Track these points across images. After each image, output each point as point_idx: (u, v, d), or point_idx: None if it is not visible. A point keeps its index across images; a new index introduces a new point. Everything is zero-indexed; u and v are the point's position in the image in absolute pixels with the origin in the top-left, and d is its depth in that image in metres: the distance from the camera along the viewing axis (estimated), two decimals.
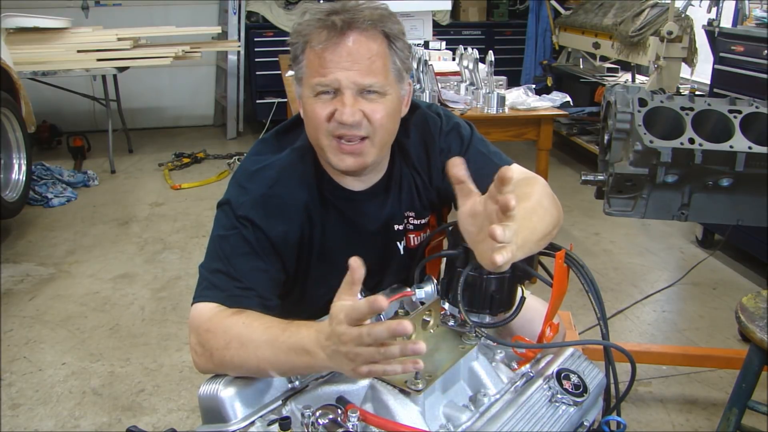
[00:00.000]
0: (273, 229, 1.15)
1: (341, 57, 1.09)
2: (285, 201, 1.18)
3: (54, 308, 2.93)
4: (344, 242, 1.25)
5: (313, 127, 1.15)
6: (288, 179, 1.20)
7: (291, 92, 3.64)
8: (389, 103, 1.15)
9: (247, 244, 1.14)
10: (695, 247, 3.54)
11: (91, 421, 2.17)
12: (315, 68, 1.11)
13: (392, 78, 1.15)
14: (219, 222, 1.19)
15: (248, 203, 1.16)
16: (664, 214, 1.95)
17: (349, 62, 1.09)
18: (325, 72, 1.10)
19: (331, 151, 1.16)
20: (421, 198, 1.30)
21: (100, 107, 5.31)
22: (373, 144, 1.16)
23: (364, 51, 1.10)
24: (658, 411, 2.20)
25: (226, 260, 1.13)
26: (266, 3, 5.91)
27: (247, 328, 1.02)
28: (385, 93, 1.14)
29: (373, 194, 1.26)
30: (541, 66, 5.78)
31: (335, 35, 1.09)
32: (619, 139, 1.84)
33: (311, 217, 1.21)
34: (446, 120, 1.30)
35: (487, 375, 1.04)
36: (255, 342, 1.00)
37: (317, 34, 1.10)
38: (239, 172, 1.23)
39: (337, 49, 1.09)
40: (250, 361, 1.00)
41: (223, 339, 1.03)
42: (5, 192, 3.72)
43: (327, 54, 1.09)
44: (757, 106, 1.78)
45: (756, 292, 1.64)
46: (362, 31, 1.10)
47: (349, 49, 1.09)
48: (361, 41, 1.10)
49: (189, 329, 1.10)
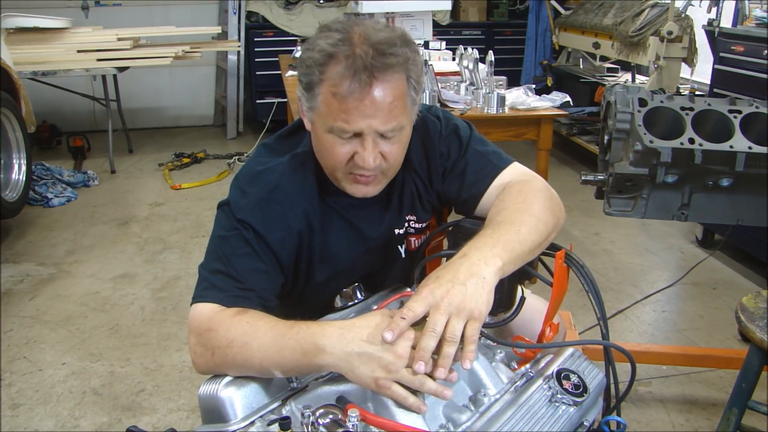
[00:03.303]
0: (271, 234, 1.15)
1: (365, 106, 1.06)
2: (284, 207, 1.18)
3: (54, 308, 2.93)
4: (346, 247, 1.26)
5: (330, 161, 1.15)
6: (288, 185, 1.19)
7: (291, 92, 3.65)
8: (404, 136, 1.15)
9: (247, 245, 1.14)
10: (695, 247, 3.54)
11: (91, 421, 2.17)
12: (335, 112, 1.07)
13: (408, 110, 1.13)
14: (219, 222, 1.19)
15: (247, 207, 1.16)
16: (664, 214, 1.95)
17: (372, 110, 1.06)
18: (348, 119, 1.07)
19: (347, 182, 1.17)
20: (422, 202, 1.30)
21: (100, 107, 5.31)
22: (387, 176, 1.18)
23: (387, 98, 1.07)
24: (658, 411, 2.20)
25: (226, 261, 1.13)
26: (266, 3, 5.91)
27: (251, 327, 1.02)
28: (402, 129, 1.13)
29: (374, 200, 1.25)
30: (541, 66, 5.78)
31: (359, 88, 1.04)
32: (619, 139, 1.84)
33: (310, 223, 1.21)
34: (445, 123, 1.30)
35: (487, 375, 1.04)
36: (259, 340, 1.00)
37: (340, 80, 1.05)
38: (241, 175, 1.23)
39: (363, 102, 1.06)
40: (253, 359, 1.00)
41: (225, 338, 1.03)
42: (5, 192, 3.72)
43: (350, 102, 1.06)
44: (757, 106, 1.78)
45: (756, 292, 1.64)
46: (387, 81, 1.06)
47: (373, 99, 1.06)
48: (385, 90, 1.06)
49: (188, 330, 1.10)
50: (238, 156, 5.17)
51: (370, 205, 1.26)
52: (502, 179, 1.23)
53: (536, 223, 1.10)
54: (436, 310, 0.94)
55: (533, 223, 1.10)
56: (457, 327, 0.93)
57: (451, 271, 0.98)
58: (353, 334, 0.95)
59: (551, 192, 1.21)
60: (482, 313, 0.96)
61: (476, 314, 0.95)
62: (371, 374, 0.92)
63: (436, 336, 0.92)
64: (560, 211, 1.20)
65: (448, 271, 0.98)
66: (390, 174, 1.19)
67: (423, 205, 1.31)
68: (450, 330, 0.93)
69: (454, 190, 1.27)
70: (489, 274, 0.99)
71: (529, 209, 1.12)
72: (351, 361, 0.93)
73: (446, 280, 0.96)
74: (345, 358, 0.94)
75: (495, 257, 1.01)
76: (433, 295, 0.95)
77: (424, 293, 0.95)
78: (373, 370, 0.92)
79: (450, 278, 0.97)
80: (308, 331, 0.98)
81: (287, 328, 1.00)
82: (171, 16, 5.81)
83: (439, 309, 0.93)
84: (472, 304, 0.95)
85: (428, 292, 0.95)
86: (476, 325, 0.95)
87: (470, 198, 1.25)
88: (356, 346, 0.93)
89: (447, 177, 1.27)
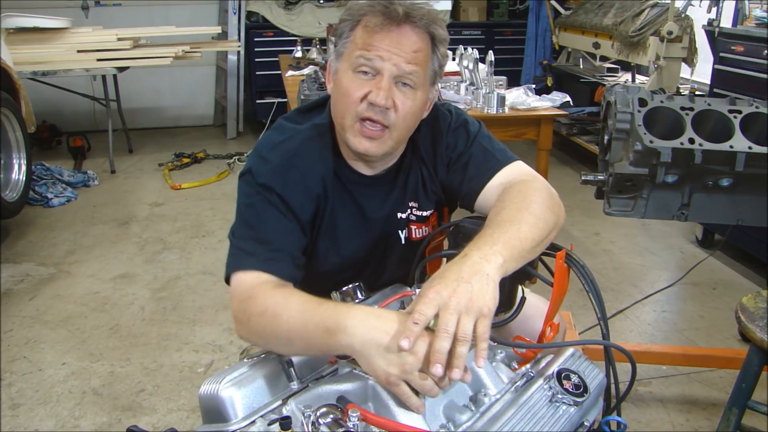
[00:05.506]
0: (292, 197, 1.20)
1: (390, 42, 1.15)
2: (303, 173, 1.22)
3: (54, 308, 2.93)
4: (349, 224, 1.30)
5: (343, 104, 1.19)
6: (307, 152, 1.24)
7: (291, 92, 3.65)
8: (418, 100, 1.20)
9: (272, 206, 1.19)
10: (695, 247, 3.54)
11: (91, 421, 2.18)
12: (361, 44, 1.16)
13: (427, 77, 1.21)
14: (242, 191, 1.24)
15: (269, 172, 1.20)
16: (664, 214, 1.95)
17: (397, 49, 1.15)
18: (371, 49, 1.15)
19: (353, 131, 1.20)
20: (426, 190, 1.34)
21: (100, 107, 5.32)
22: (392, 136, 1.21)
23: (412, 43, 1.16)
24: (658, 411, 2.20)
25: (255, 225, 1.18)
26: (266, 3, 5.91)
27: (284, 299, 1.07)
28: (417, 88, 1.19)
29: (381, 181, 1.31)
30: (541, 66, 5.79)
31: (390, 23, 1.15)
32: (619, 139, 1.84)
33: (326, 190, 1.26)
34: (456, 117, 1.34)
35: (488, 375, 1.04)
36: (289, 311, 1.04)
37: (373, 16, 1.16)
38: (261, 144, 1.28)
39: (389, 35, 1.15)
40: (280, 330, 1.03)
41: (261, 306, 1.07)
42: (5, 192, 3.72)
43: (377, 35, 1.15)
44: (757, 106, 1.78)
45: (756, 292, 1.64)
46: (415, 26, 1.16)
47: (399, 38, 1.15)
48: (411, 35, 1.16)
49: (232, 297, 1.15)
50: (238, 156, 5.17)
51: (376, 185, 1.31)
52: (503, 176, 1.25)
53: (536, 221, 1.11)
54: (445, 310, 0.93)
55: (533, 222, 1.10)
56: (468, 326, 0.93)
57: (454, 271, 0.98)
58: (379, 323, 0.95)
59: (551, 191, 1.22)
60: (491, 310, 0.96)
61: (485, 311, 0.95)
62: (385, 368, 0.92)
63: (449, 336, 0.91)
64: (560, 211, 1.20)
65: (451, 272, 0.98)
66: (395, 135, 1.21)
67: (426, 194, 1.34)
68: (461, 329, 0.92)
69: (456, 182, 1.31)
70: (492, 271, 0.99)
71: (529, 208, 1.13)
72: (369, 348, 0.94)
73: (451, 279, 0.96)
74: (364, 344, 0.94)
75: (496, 254, 1.01)
76: (440, 296, 0.94)
77: (431, 294, 0.95)
78: (389, 365, 0.92)
79: (454, 278, 0.96)
80: (335, 309, 1.00)
81: (317, 304, 1.03)
82: (171, 16, 5.81)
83: (448, 309, 0.93)
84: (480, 302, 0.95)
85: (435, 293, 0.95)
86: (486, 322, 0.94)
87: (470, 191, 1.27)
88: (378, 336, 0.94)
89: (451, 168, 1.31)
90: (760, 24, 3.17)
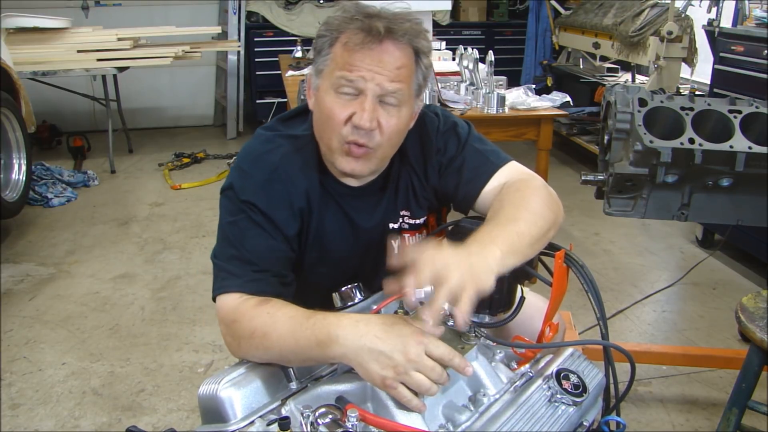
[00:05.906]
0: (276, 213, 1.18)
1: (372, 60, 1.11)
2: (286, 186, 1.20)
3: (54, 308, 2.93)
4: (339, 235, 1.27)
5: (329, 126, 1.16)
6: (289, 166, 1.21)
7: (291, 92, 3.64)
8: (403, 116, 1.17)
9: (255, 225, 1.16)
10: (695, 247, 3.54)
11: (91, 421, 2.17)
12: (342, 64, 1.12)
13: (412, 92, 1.18)
14: (225, 208, 1.21)
15: (251, 188, 1.18)
16: (664, 214, 1.95)
17: (379, 67, 1.11)
18: (352, 69, 1.11)
19: (339, 153, 1.17)
20: (417, 197, 1.31)
21: (100, 107, 5.31)
22: (377, 155, 1.18)
23: (395, 60, 1.12)
24: (658, 411, 2.20)
25: (238, 245, 1.15)
26: (266, 3, 5.91)
27: (270, 318, 1.05)
28: (402, 105, 1.16)
29: (369, 191, 1.27)
30: (541, 66, 5.78)
31: (372, 40, 1.10)
32: (619, 139, 1.84)
33: (310, 203, 1.23)
34: (443, 120, 1.31)
35: (487, 375, 1.04)
36: (278, 330, 1.03)
37: (353, 33, 1.11)
38: (241, 156, 1.25)
39: (370, 53, 1.11)
40: (273, 349, 1.03)
41: (248, 328, 1.06)
42: (5, 192, 3.72)
43: (358, 54, 1.11)
44: (757, 106, 1.78)
45: (756, 292, 1.64)
46: (397, 42, 1.12)
47: (381, 56, 1.11)
48: (394, 51, 1.12)
49: (218, 321, 1.13)
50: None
51: (365, 196, 1.27)
52: (499, 177, 1.24)
53: (534, 219, 1.11)
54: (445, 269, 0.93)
55: (531, 219, 1.10)
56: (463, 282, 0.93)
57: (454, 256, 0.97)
58: (368, 328, 0.95)
59: (549, 190, 1.22)
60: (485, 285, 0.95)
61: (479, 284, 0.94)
62: (380, 372, 0.93)
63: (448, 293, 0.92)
64: (558, 209, 1.20)
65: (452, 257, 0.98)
66: (380, 154, 1.18)
67: (418, 201, 1.31)
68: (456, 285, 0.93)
69: (451, 187, 1.28)
70: (491, 261, 0.98)
71: (527, 205, 1.13)
72: (362, 355, 0.94)
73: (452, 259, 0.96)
74: (356, 351, 0.94)
75: (494, 247, 1.01)
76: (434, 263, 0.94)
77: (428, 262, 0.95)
78: (383, 369, 0.92)
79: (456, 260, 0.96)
80: (324, 321, 0.99)
81: (305, 318, 1.02)
82: (171, 16, 5.80)
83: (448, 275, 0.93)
84: (478, 271, 0.95)
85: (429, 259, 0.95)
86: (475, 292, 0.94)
87: (467, 195, 1.26)
88: (368, 341, 0.94)
89: (444, 173, 1.29)
90: (760, 24, 3.17)
